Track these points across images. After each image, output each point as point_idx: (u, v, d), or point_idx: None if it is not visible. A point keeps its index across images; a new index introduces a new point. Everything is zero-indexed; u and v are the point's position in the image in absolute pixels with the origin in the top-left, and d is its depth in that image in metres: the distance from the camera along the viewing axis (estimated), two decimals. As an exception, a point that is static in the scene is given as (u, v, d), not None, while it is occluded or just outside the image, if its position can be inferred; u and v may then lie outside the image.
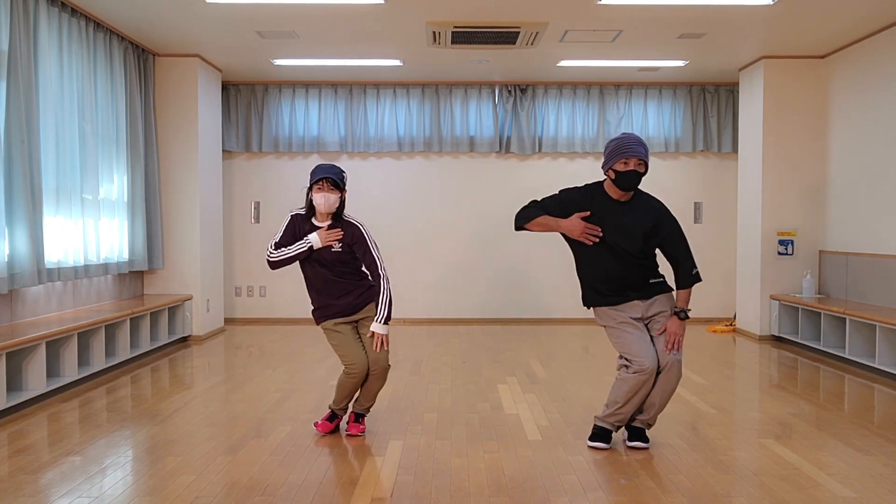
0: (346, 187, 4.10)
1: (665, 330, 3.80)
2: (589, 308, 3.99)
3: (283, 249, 4.07)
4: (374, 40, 7.01)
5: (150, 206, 7.41)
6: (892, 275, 6.45)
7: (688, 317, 3.84)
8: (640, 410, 3.88)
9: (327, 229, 4.05)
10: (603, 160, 3.85)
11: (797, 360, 6.68)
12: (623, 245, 3.78)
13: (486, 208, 9.02)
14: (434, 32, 6.63)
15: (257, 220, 9.07)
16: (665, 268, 3.98)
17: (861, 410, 4.84)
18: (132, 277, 7.38)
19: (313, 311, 4.18)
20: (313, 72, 8.39)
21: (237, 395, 5.22)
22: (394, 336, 7.91)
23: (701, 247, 9.13)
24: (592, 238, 3.76)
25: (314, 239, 4.02)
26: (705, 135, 9.05)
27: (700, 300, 9.16)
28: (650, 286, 3.86)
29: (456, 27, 6.46)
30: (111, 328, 6.10)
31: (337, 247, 4.05)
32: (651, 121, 9.02)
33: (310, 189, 4.06)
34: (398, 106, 8.94)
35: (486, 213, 9.00)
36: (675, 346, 3.77)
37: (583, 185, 3.95)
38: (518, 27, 6.48)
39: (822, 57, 7.60)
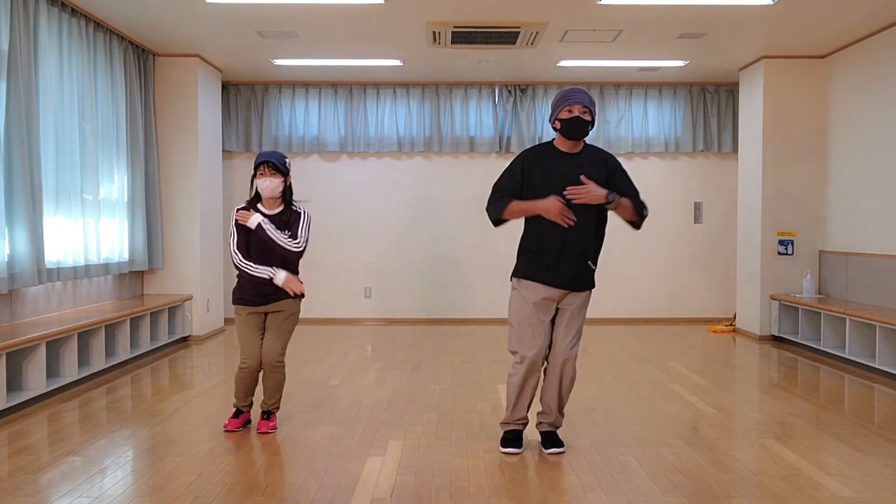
0: (290, 172, 4.15)
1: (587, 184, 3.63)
2: (516, 277, 3.85)
3: (251, 266, 4.09)
4: (374, 40, 7.01)
5: (150, 206, 7.41)
6: (892, 275, 6.45)
7: (610, 206, 3.66)
8: (543, 413, 3.88)
9: (277, 216, 4.09)
10: (549, 114, 3.79)
11: (797, 360, 6.68)
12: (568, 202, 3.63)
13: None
14: (434, 32, 6.63)
15: (257, 220, 9.06)
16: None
17: (861, 410, 4.84)
18: (132, 277, 7.38)
19: (235, 289, 4.21)
20: (313, 72, 8.39)
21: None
22: (394, 336, 7.92)
23: (701, 247, 9.15)
24: (569, 221, 3.61)
25: (280, 278, 4.04)
26: (705, 135, 9.05)
27: (700, 300, 9.18)
28: (587, 271, 3.73)
29: (456, 27, 6.46)
30: (111, 328, 6.10)
31: (286, 234, 4.09)
32: (651, 121, 9.02)
33: (253, 176, 4.10)
34: (398, 106, 8.95)
35: (486, 213, 8.98)
36: (577, 194, 3.59)
37: (530, 147, 3.90)
38: (518, 27, 6.48)
39: (822, 57, 7.60)
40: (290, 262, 4.15)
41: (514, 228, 4.02)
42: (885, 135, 6.59)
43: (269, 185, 4.05)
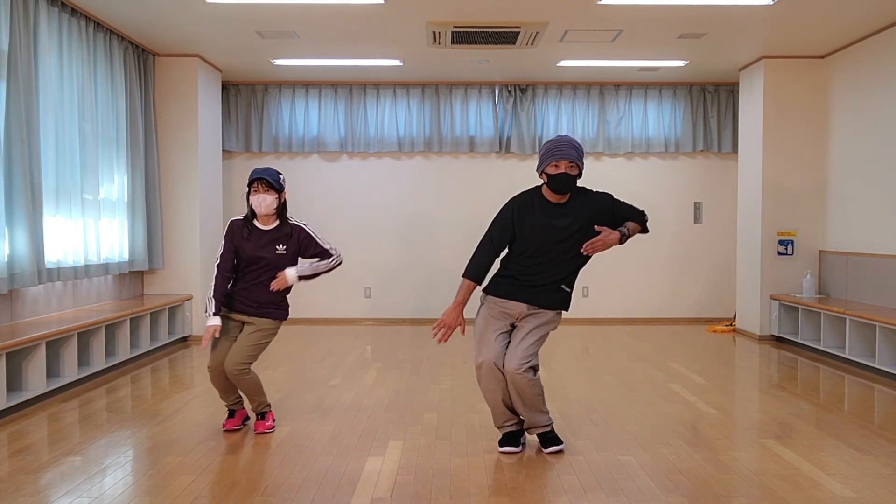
0: (285, 188, 4.13)
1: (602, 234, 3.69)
2: (485, 292, 3.92)
3: (213, 288, 4.06)
4: (374, 40, 7.01)
5: (150, 206, 7.41)
6: (892, 275, 6.45)
7: (625, 239, 3.73)
8: (523, 420, 3.88)
9: (271, 237, 4.07)
10: (537, 164, 3.81)
11: (797, 360, 6.68)
12: (554, 247, 3.72)
13: (486, 208, 9.00)
14: (434, 32, 6.63)
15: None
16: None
17: (861, 410, 4.84)
18: (132, 277, 7.38)
19: (215, 294, 4.10)
20: (313, 72, 8.40)
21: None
22: (393, 336, 7.92)
23: (701, 247, 9.15)
24: (441, 339, 3.72)
25: (212, 322, 4.01)
26: (705, 135, 9.05)
27: (700, 300, 9.18)
28: (557, 293, 3.78)
29: (456, 27, 6.46)
30: (111, 328, 6.10)
31: (281, 249, 4.08)
32: (651, 121, 9.02)
33: (248, 193, 4.10)
34: (398, 106, 8.95)
35: (487, 213, 8.97)
36: (592, 247, 3.67)
37: (526, 189, 3.90)
38: (518, 27, 6.48)
39: (822, 57, 7.60)
40: (278, 293, 4.15)
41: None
42: (885, 135, 6.59)
43: (264, 202, 4.06)
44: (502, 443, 3.90)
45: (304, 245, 4.15)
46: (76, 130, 6.01)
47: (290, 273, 4.07)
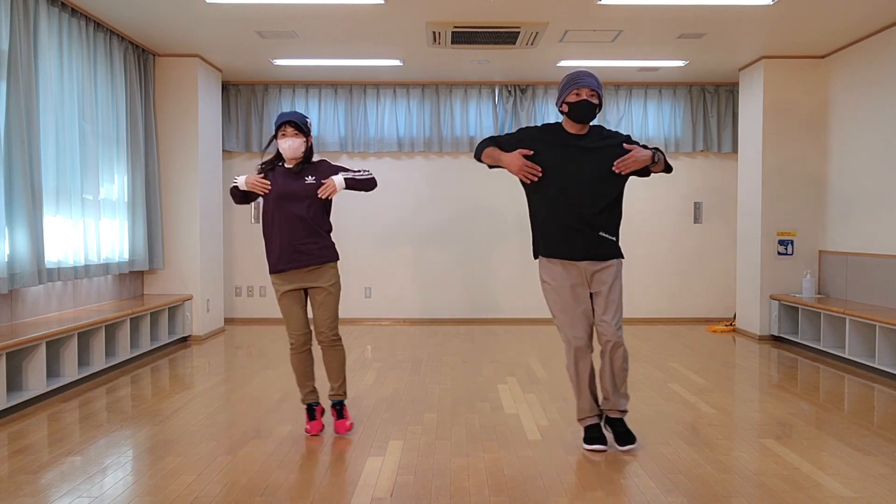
0: (312, 133, 4.14)
1: (625, 164, 3.66)
2: (537, 258, 3.89)
3: (234, 191, 4.13)
4: (374, 40, 7.01)
5: (151, 206, 7.41)
6: (892, 275, 6.45)
7: (656, 161, 3.68)
8: (604, 399, 3.89)
9: (296, 174, 4.05)
10: (556, 97, 3.82)
11: (797, 360, 6.68)
12: (583, 179, 3.67)
13: (486, 208, 9.02)
14: (434, 32, 6.63)
15: (257, 220, 9.07)
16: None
17: (861, 410, 4.84)
18: (132, 277, 7.38)
19: (268, 254, 4.08)
20: (313, 72, 8.39)
21: (237, 395, 5.22)
22: (394, 336, 7.93)
23: (701, 247, 9.15)
24: (530, 176, 3.67)
25: (240, 180, 4.05)
26: (705, 135, 9.05)
27: (700, 300, 9.18)
28: (602, 242, 3.72)
29: (456, 27, 6.46)
30: (111, 328, 6.10)
31: (310, 179, 4.03)
32: (651, 121, 9.02)
33: (274, 136, 4.09)
34: (398, 106, 8.95)
35: (486, 213, 9.00)
36: (626, 165, 3.64)
37: (541, 124, 3.94)
38: (518, 27, 6.48)
39: (822, 57, 7.60)
40: (318, 227, 4.07)
41: (514, 233, 4.02)
42: (885, 135, 6.59)
43: (292, 144, 4.04)
44: (589, 440, 3.86)
45: (331, 171, 4.09)
46: (76, 130, 6.01)
47: (338, 179, 4.01)
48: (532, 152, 3.72)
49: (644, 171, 3.76)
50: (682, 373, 5.96)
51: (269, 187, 4.02)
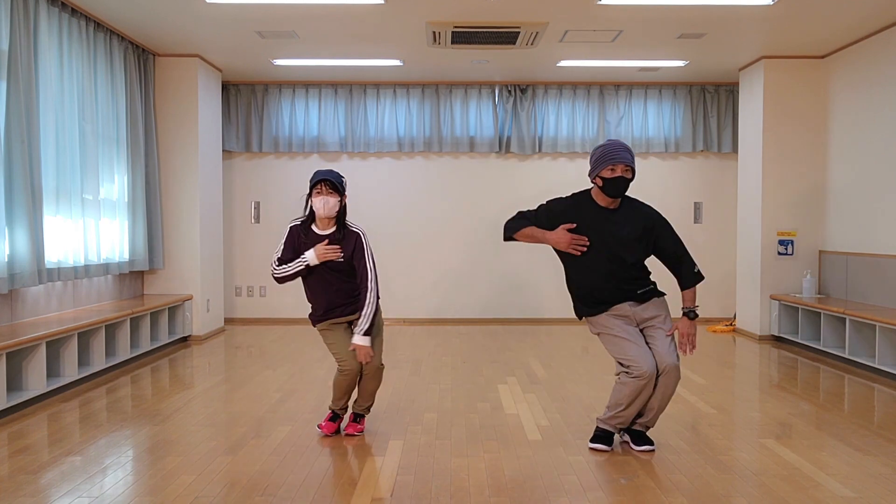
0: (347, 192, 4.08)
1: (675, 332, 3.80)
2: (582, 319, 3.97)
3: (284, 267, 4.05)
4: (374, 40, 7.01)
5: (151, 206, 7.41)
6: (892, 275, 6.45)
7: (696, 315, 3.86)
8: (640, 414, 3.87)
9: (328, 241, 4.01)
10: (589, 168, 3.81)
11: (797, 360, 6.68)
12: (616, 252, 3.75)
13: (486, 208, 9.02)
14: (434, 32, 6.63)
15: (257, 220, 9.07)
16: (663, 275, 3.99)
17: (861, 410, 4.84)
18: (132, 277, 7.38)
19: (311, 314, 4.18)
20: (313, 72, 8.39)
21: (237, 395, 5.22)
22: (394, 336, 7.92)
23: (701, 247, 9.14)
24: (580, 249, 3.74)
25: (310, 256, 4.00)
26: (705, 135, 9.05)
27: (700, 300, 9.15)
28: (641, 295, 3.85)
29: (456, 27, 6.46)
30: (111, 328, 6.10)
31: (339, 257, 4.03)
32: (651, 121, 9.02)
33: (309, 195, 4.05)
34: (398, 106, 8.95)
35: (486, 213, 9.00)
36: (690, 346, 3.79)
37: (569, 194, 3.92)
38: (518, 27, 6.48)
39: (822, 57, 7.60)
40: (354, 291, 4.09)
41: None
42: (885, 135, 6.58)
43: (326, 204, 3.98)
44: (597, 439, 3.89)
45: (356, 251, 4.06)
46: (76, 130, 6.02)
47: (362, 341, 3.99)
48: (575, 225, 3.76)
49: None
50: (682, 373, 5.95)
51: (341, 252, 4.01)
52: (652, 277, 3.95)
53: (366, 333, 3.99)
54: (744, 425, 4.46)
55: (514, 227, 3.87)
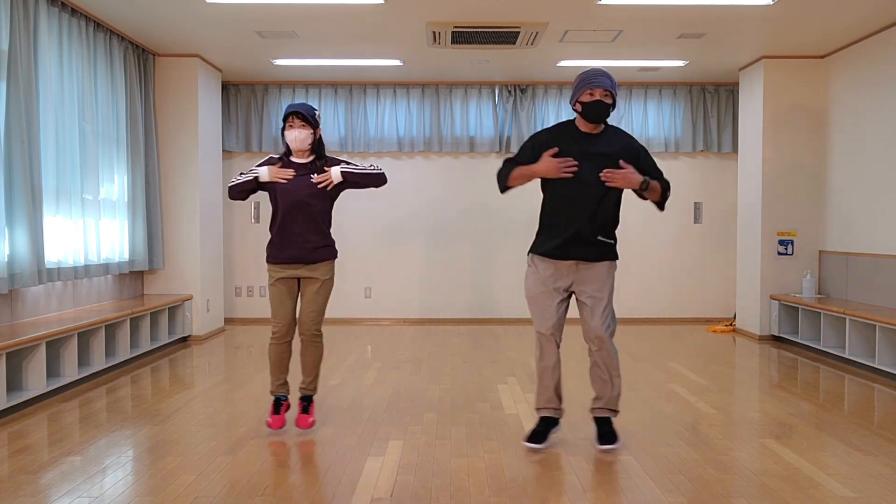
0: (320, 124, 4.11)
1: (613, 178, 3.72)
2: (531, 253, 3.93)
3: (237, 178, 4.08)
4: (374, 40, 7.01)
5: (151, 205, 7.41)
6: (892, 275, 6.45)
7: (644, 189, 3.73)
8: (595, 397, 3.90)
9: (306, 171, 4.02)
10: (570, 94, 3.81)
11: (797, 360, 6.68)
12: (591, 179, 3.69)
13: (486, 208, 9.02)
14: (434, 32, 6.63)
15: (257, 220, 9.07)
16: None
17: (861, 410, 4.84)
18: (132, 277, 7.38)
19: (268, 244, 4.13)
20: (313, 72, 8.39)
21: (237, 395, 5.22)
22: (394, 336, 7.92)
23: (701, 247, 9.15)
24: (571, 170, 3.68)
25: (262, 171, 4.01)
26: (705, 135, 9.05)
27: (700, 300, 9.18)
28: (598, 244, 3.79)
29: (456, 27, 6.46)
30: (111, 328, 6.10)
31: (287, 179, 4.01)
32: (651, 121, 9.02)
33: (283, 128, 4.06)
34: (398, 106, 8.95)
35: (486, 213, 9.00)
36: (613, 178, 3.68)
37: (553, 124, 3.93)
38: (518, 27, 6.48)
39: (822, 57, 7.60)
40: (321, 223, 4.10)
41: (514, 233, 4.02)
42: (885, 135, 6.58)
43: (298, 136, 4.01)
44: (531, 436, 3.91)
45: (345, 176, 4.10)
46: (76, 130, 6.01)
47: (335, 169, 4.01)
48: (557, 149, 3.73)
49: (638, 192, 3.79)
50: (682, 373, 5.96)
51: (293, 174, 4.00)
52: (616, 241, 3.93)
53: (343, 170, 4.02)
54: (744, 425, 4.46)
55: (505, 174, 3.86)
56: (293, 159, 4.11)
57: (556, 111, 8.95)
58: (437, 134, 8.96)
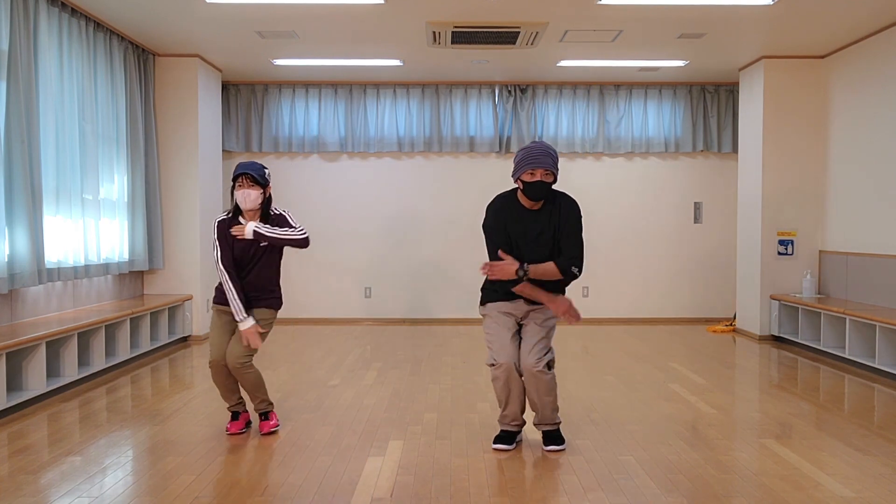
0: (270, 183, 4.10)
1: (559, 317, 3.79)
2: (483, 305, 3.96)
3: (229, 286, 3.99)
4: (374, 40, 7.01)
5: (150, 206, 7.41)
6: (892, 275, 6.45)
7: (523, 276, 3.70)
8: (535, 415, 3.90)
9: (254, 233, 3.98)
10: (512, 169, 3.83)
11: (797, 360, 6.68)
12: (531, 255, 3.76)
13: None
14: (434, 32, 6.63)
15: (257, 220, 9.06)
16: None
17: (861, 410, 4.84)
18: (132, 277, 7.38)
19: (216, 287, 4.15)
20: (313, 72, 8.40)
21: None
22: (394, 336, 7.92)
23: (701, 247, 9.16)
24: (573, 320, 3.77)
25: (245, 324, 3.97)
26: (705, 135, 9.06)
27: (700, 300, 9.18)
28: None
29: (456, 27, 6.46)
30: (111, 328, 6.10)
31: (239, 236, 4.00)
32: (651, 121, 9.02)
33: (232, 188, 4.05)
34: (398, 106, 8.95)
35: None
36: (574, 318, 3.75)
37: (497, 195, 3.94)
38: (518, 27, 6.48)
39: (822, 57, 7.60)
40: (268, 276, 4.12)
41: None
42: (885, 135, 6.59)
43: (248, 196, 3.99)
44: (498, 440, 3.93)
45: (281, 223, 4.10)
46: (76, 130, 6.02)
47: (249, 225, 3.99)
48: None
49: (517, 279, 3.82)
50: (682, 373, 5.96)
51: (244, 231, 3.98)
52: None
53: (257, 229, 3.94)
54: (744, 425, 4.46)
55: (513, 286, 3.82)
56: (241, 220, 4.07)
57: (556, 111, 8.95)
58: (437, 134, 8.96)
